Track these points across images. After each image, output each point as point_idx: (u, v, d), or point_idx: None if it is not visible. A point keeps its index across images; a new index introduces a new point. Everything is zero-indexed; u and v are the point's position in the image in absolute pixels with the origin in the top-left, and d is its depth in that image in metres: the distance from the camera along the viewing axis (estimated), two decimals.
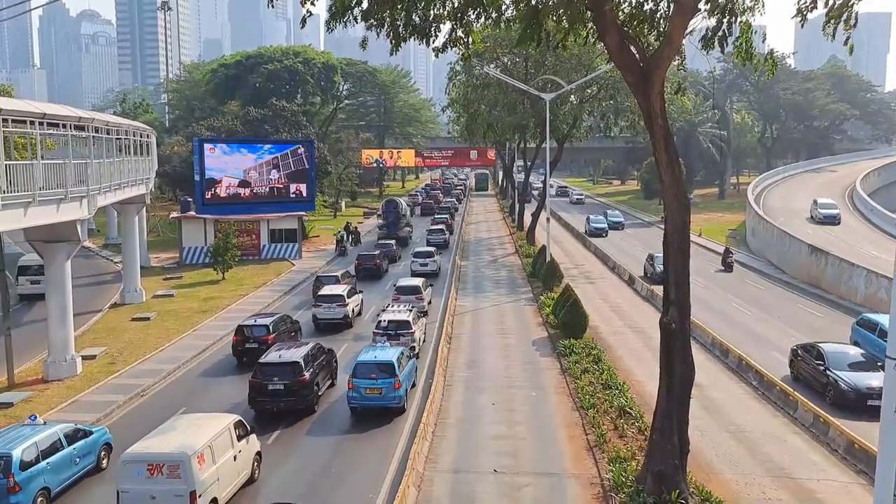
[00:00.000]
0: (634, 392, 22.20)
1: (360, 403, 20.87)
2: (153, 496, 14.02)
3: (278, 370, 20.92)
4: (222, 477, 15.20)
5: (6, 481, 14.74)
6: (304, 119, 73.65)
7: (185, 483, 14.06)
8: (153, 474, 14.12)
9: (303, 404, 20.91)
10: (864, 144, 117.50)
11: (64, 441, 16.49)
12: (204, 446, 14.78)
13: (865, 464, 17.05)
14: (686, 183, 16.63)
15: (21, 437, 15.88)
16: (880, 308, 33.59)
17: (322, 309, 30.92)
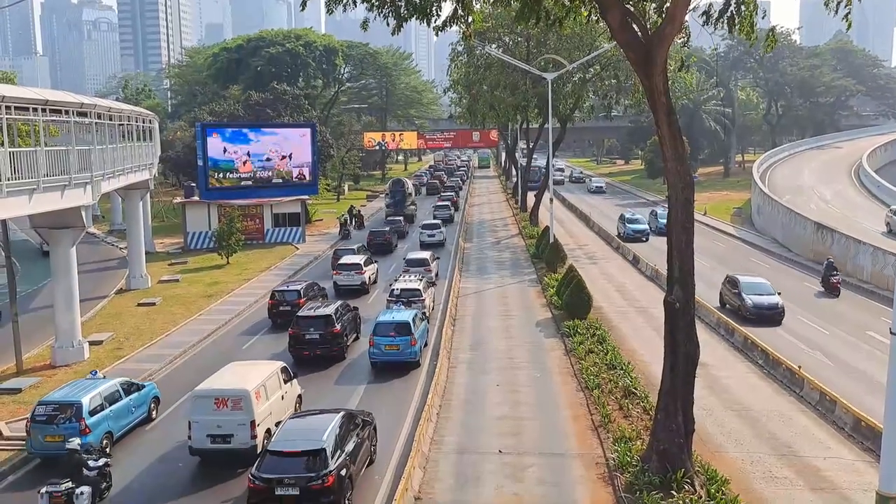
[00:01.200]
0: (639, 372, 22.21)
1: (381, 359, 23.38)
2: (219, 425, 16.67)
3: (314, 322, 24.10)
4: (273, 412, 17.68)
5: (78, 425, 16.84)
6: (306, 103, 73.35)
7: (246, 414, 16.69)
8: (219, 407, 16.76)
9: (335, 351, 24.00)
10: (870, 120, 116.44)
11: (122, 392, 18.77)
12: (259, 385, 17.41)
13: (871, 441, 17.03)
14: (690, 161, 16.53)
15: (87, 388, 18.17)
16: (888, 285, 33.49)
17: (342, 276, 34.34)
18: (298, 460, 14.37)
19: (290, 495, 14.00)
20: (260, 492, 14.15)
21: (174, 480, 16.52)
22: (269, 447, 14.95)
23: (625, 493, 14.84)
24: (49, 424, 17.05)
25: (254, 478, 14.24)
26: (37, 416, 17.25)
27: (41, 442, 17.10)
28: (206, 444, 16.77)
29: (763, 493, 15.19)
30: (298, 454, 14.46)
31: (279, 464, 14.32)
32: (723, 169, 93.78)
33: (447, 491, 15.53)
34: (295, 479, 14.05)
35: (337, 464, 14.43)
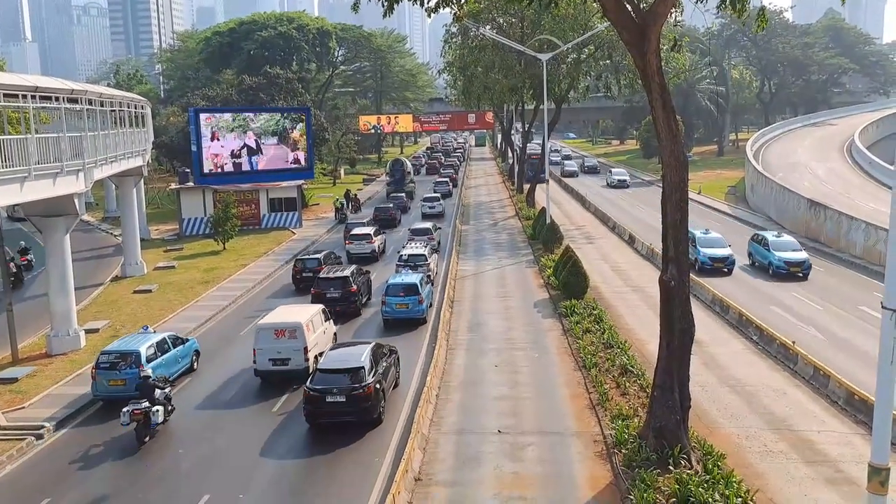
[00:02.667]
0: (636, 350, 22.41)
1: (392, 316, 26.58)
2: (279, 351, 20.71)
3: (334, 282, 27.68)
4: (318, 343, 21.68)
5: (138, 370, 19.02)
6: (300, 86, 72.95)
7: (300, 342, 20.75)
8: (279, 336, 20.79)
9: (352, 308, 27.56)
10: (862, 97, 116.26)
11: (170, 344, 21.52)
12: (308, 320, 21.44)
13: (864, 414, 17.28)
14: (684, 140, 16.61)
15: (142, 340, 20.93)
16: (880, 261, 33.72)
17: (354, 245, 38.08)
18: (343, 376, 17.99)
19: (338, 401, 17.62)
20: (314, 400, 17.77)
21: (230, 403, 20.22)
22: (319, 367, 18.66)
23: (622, 470, 15.05)
24: (112, 370, 19.70)
25: (309, 389, 17.86)
26: (101, 363, 19.88)
27: (105, 386, 19.72)
28: (268, 367, 20.80)
29: (759, 467, 15.42)
30: (344, 371, 18.11)
31: (328, 379, 17.98)
32: (717, 148, 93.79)
33: (447, 471, 15.72)
34: (341, 389, 17.68)
35: (373, 378, 18.07)
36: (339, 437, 17.35)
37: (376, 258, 38.25)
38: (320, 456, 16.71)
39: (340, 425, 17.69)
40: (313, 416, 17.98)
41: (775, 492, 14.38)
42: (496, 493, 14.65)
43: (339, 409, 17.67)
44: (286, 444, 17.45)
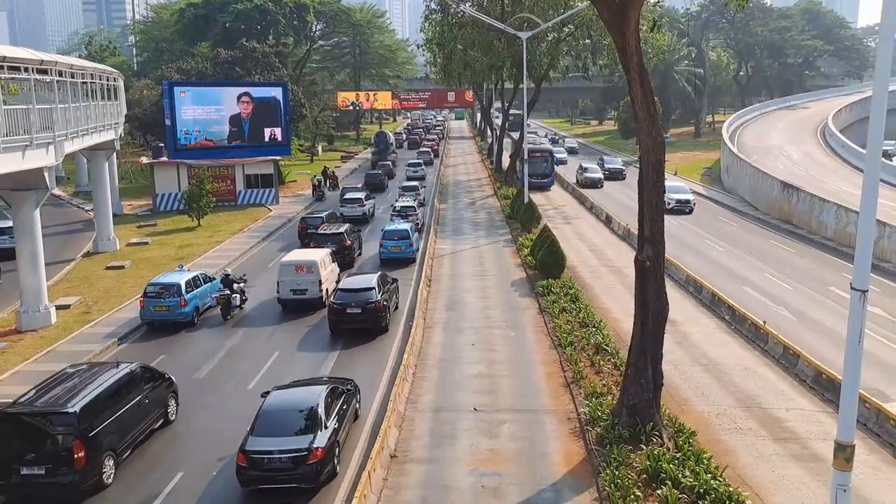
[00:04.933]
0: (611, 329, 22.64)
1: (388, 256, 32.45)
2: (298, 283, 25.38)
3: (330, 238, 31.65)
4: (328, 279, 26.39)
5: (178, 299, 23.83)
6: (277, 61, 71.95)
7: (316, 275, 25.53)
8: (298, 272, 25.48)
9: (347, 260, 31.04)
10: (837, 81, 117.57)
11: (202, 281, 25.43)
12: (321, 259, 26.22)
13: (832, 392, 17.67)
14: (662, 121, 16.67)
15: (181, 275, 25.14)
16: (850, 243, 34.27)
17: (347, 208, 42.61)
18: (359, 293, 23.09)
19: (356, 312, 22.83)
20: (337, 311, 23.08)
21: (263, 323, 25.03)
22: (340, 287, 24.02)
23: (596, 447, 15.26)
24: (158, 298, 23.87)
25: (333, 303, 23.32)
26: (148, 293, 24.04)
27: (152, 311, 23.89)
28: (289, 296, 25.54)
29: (728, 444, 15.72)
30: (359, 290, 23.22)
31: (347, 296, 23.17)
32: (694, 129, 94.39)
33: (423, 448, 15.83)
34: (358, 303, 22.88)
35: (381, 296, 23.25)
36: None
37: (367, 220, 42.97)
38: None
39: (356, 331, 22.91)
40: (336, 324, 23.26)
41: (744, 468, 14.68)
42: (472, 470, 14.79)
43: (356, 318, 22.92)
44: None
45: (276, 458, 13.75)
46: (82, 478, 13.83)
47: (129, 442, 15.49)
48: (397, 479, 14.52)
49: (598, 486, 13.94)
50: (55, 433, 13.84)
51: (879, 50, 8.35)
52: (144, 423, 16.11)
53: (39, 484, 13.70)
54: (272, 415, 14.50)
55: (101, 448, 14.33)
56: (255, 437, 14.01)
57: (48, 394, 14.72)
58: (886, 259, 31.36)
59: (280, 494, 13.81)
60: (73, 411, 13.94)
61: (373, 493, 13.61)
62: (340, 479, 14.58)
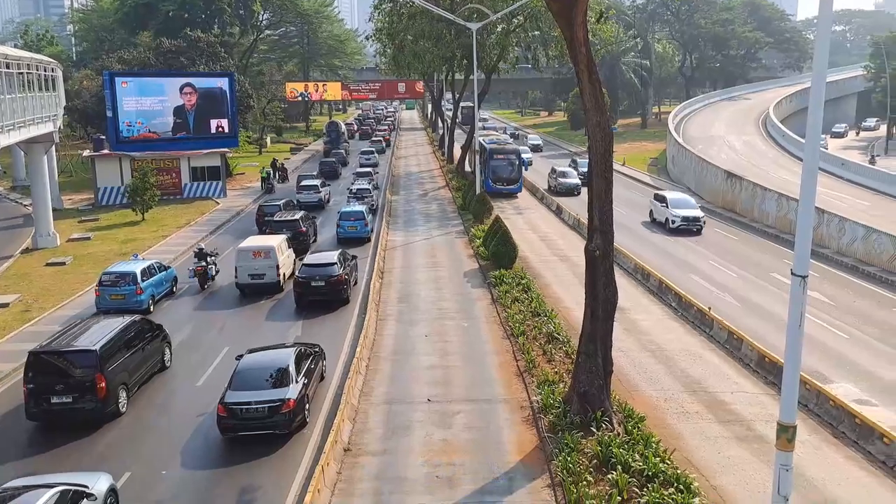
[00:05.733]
0: (562, 318, 22.93)
1: (345, 235, 34.79)
2: (256, 268, 26.04)
3: (285, 224, 32.43)
4: (285, 263, 27.37)
5: (134, 287, 23.99)
6: (223, 51, 70.46)
7: (273, 260, 26.23)
8: (255, 257, 26.16)
9: (302, 246, 31.41)
10: (777, 72, 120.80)
11: (156, 269, 25.74)
12: (278, 245, 27.04)
13: (774, 375, 18.24)
14: (610, 112, 16.85)
15: (135, 263, 25.39)
16: (790, 230, 35.38)
17: (303, 195, 43.94)
18: (323, 268, 24.87)
19: (320, 285, 24.58)
20: (302, 284, 24.73)
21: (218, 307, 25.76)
22: (304, 262, 25.62)
23: (548, 434, 15.47)
24: (113, 287, 24.03)
25: (299, 277, 24.93)
26: (103, 282, 24.20)
27: (108, 300, 23.88)
28: (247, 281, 26.25)
29: (676, 428, 16.12)
30: (323, 265, 25.00)
31: (311, 270, 24.87)
32: (640, 120, 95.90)
33: (377, 441, 15.81)
34: (321, 276, 24.70)
35: (343, 271, 25.07)
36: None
37: (323, 206, 44.38)
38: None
39: (320, 303, 24.73)
40: (301, 296, 24.94)
41: (691, 451, 15.07)
42: (426, 461, 14.83)
43: (320, 291, 24.71)
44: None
45: (252, 408, 15.48)
46: (103, 405, 16.60)
47: (137, 380, 18.39)
48: (351, 472, 14.48)
49: (550, 472, 14.14)
50: (80, 368, 16.50)
51: (817, 42, 8.61)
52: (147, 365, 19.01)
53: (67, 410, 16.34)
54: (248, 372, 16.22)
55: (117, 382, 17.19)
56: (233, 392, 15.74)
57: (70, 337, 17.50)
58: (825, 245, 32.47)
59: (257, 440, 15.41)
60: (95, 349, 16.70)
61: (326, 486, 13.54)
62: (311, 429, 16.28)
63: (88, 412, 16.45)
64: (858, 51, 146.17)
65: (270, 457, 15.21)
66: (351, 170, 59.43)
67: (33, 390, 16.30)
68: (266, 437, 15.60)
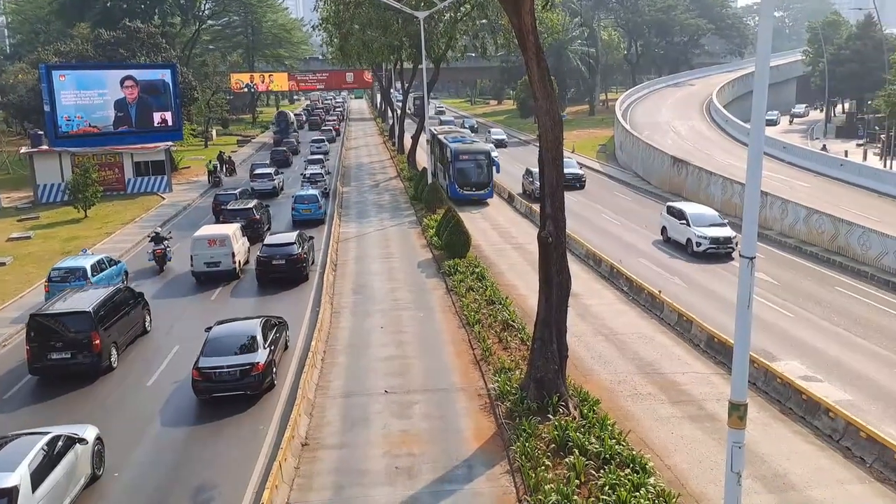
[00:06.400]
0: (517, 305, 23.09)
1: (300, 217, 36.38)
2: (212, 256, 26.59)
3: (239, 213, 32.83)
4: (240, 251, 28.05)
5: (83, 283, 23.35)
6: (164, 42, 68.61)
7: (228, 248, 26.87)
8: (211, 245, 26.71)
9: (255, 234, 31.71)
10: (720, 58, 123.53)
11: (107, 264, 25.78)
12: (233, 232, 27.73)
13: (723, 355, 18.72)
14: (558, 100, 16.91)
15: (85, 259, 25.44)
16: (735, 213, 36.25)
17: (257, 183, 45.49)
18: (283, 247, 26.47)
19: (280, 263, 26.10)
20: (264, 262, 26.21)
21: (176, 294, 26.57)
22: (265, 243, 27.26)
23: (505, 420, 15.58)
24: (63, 283, 23.43)
25: (260, 255, 26.51)
26: (53, 277, 23.85)
27: (57, 296, 22.15)
28: (203, 269, 26.69)
29: (630, 409, 16.41)
30: (283, 244, 26.65)
31: (272, 250, 26.46)
32: (588, 107, 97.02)
33: (335, 434, 15.70)
34: (282, 255, 26.20)
35: (301, 249, 26.65)
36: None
37: (277, 193, 45.78)
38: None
39: (280, 280, 26.24)
40: (263, 274, 26.41)
41: (645, 431, 15.37)
42: (385, 452, 14.79)
43: (281, 269, 26.21)
44: None
45: (224, 371, 16.89)
46: (98, 360, 18.69)
47: (124, 340, 20.44)
48: (309, 466, 14.35)
49: (509, 458, 14.25)
50: (77, 327, 18.45)
51: (760, 28, 8.78)
52: (132, 327, 21.08)
53: (66, 365, 18.43)
54: (218, 340, 17.64)
55: (109, 339, 19.26)
56: (206, 357, 17.09)
57: (66, 301, 19.61)
58: (769, 227, 33.38)
59: (230, 401, 16.88)
60: (89, 310, 18.72)
61: (285, 482, 13.40)
62: (278, 391, 17.74)
63: (85, 366, 18.53)
64: (797, 36, 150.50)
65: (249, 410, 16.94)
66: (302, 158, 60.45)
67: (35, 348, 18.29)
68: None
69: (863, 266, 27.59)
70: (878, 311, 23.02)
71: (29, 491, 11.64)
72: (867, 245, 27.99)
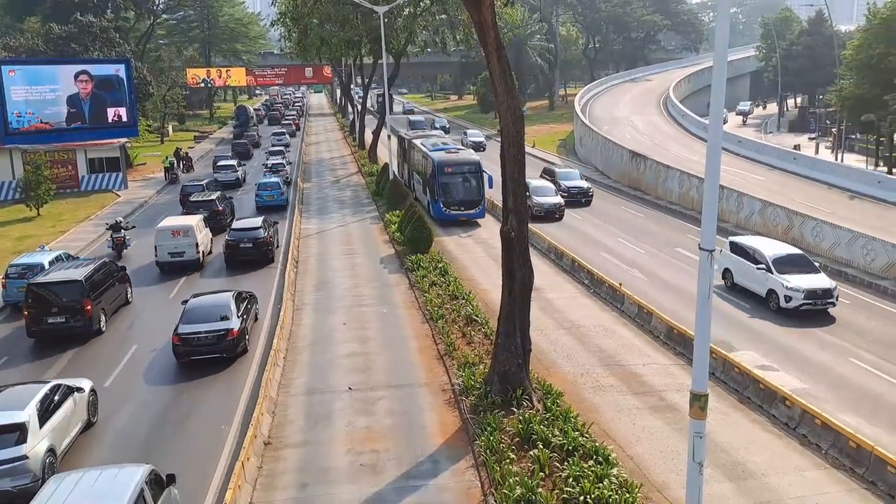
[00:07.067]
0: (480, 300, 23.15)
1: (263, 203, 38.93)
2: (176, 246, 27.33)
3: (202, 205, 34.00)
4: (204, 241, 28.92)
5: None
6: (118, 36, 67.13)
7: (192, 239, 27.54)
8: (175, 235, 27.46)
9: (218, 226, 32.47)
10: (676, 54, 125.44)
11: (65, 259, 25.36)
12: (197, 223, 28.68)
13: (682, 346, 19.04)
14: (518, 95, 16.91)
15: (42, 255, 25.35)
16: (692, 206, 36.87)
17: (221, 174, 47.39)
18: (250, 231, 28.39)
19: (248, 246, 27.96)
20: (232, 245, 28.00)
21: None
22: (233, 227, 29.20)
23: (470, 415, 15.61)
24: (21, 279, 23.15)
25: (229, 239, 28.29)
26: (10, 274, 23.95)
27: (15, 292, 23.12)
28: (167, 259, 27.47)
29: (593, 401, 16.58)
30: (250, 228, 28.61)
31: (239, 234, 28.26)
32: (548, 102, 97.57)
33: (298, 432, 15.56)
34: (249, 239, 28.06)
35: (266, 233, 28.54)
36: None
37: (240, 184, 47.70)
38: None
39: (247, 262, 27.97)
40: (231, 257, 28.08)
41: (608, 422, 15.55)
42: (349, 449, 14.71)
43: (248, 251, 27.93)
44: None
45: (203, 336, 18.69)
46: (90, 324, 20.88)
47: (111, 308, 22.55)
48: (273, 465, 14.20)
49: (473, 452, 14.28)
50: (70, 294, 20.51)
51: (718, 24, 8.91)
52: (117, 296, 23.30)
53: (61, 328, 20.54)
54: (195, 310, 19.31)
55: (99, 305, 21.40)
56: (184, 325, 18.86)
57: (59, 272, 21.80)
58: (725, 220, 34.01)
59: (207, 363, 18.71)
60: (80, 279, 20.86)
61: (247, 482, 13.24)
62: (251, 356, 19.61)
63: (78, 330, 20.63)
64: (751, 32, 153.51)
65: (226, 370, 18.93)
66: (263, 150, 62.26)
67: (32, 313, 20.37)
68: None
69: (816, 257, 28.24)
70: None
71: (36, 427, 13.57)
72: (820, 236, 28.72)
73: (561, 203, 36.14)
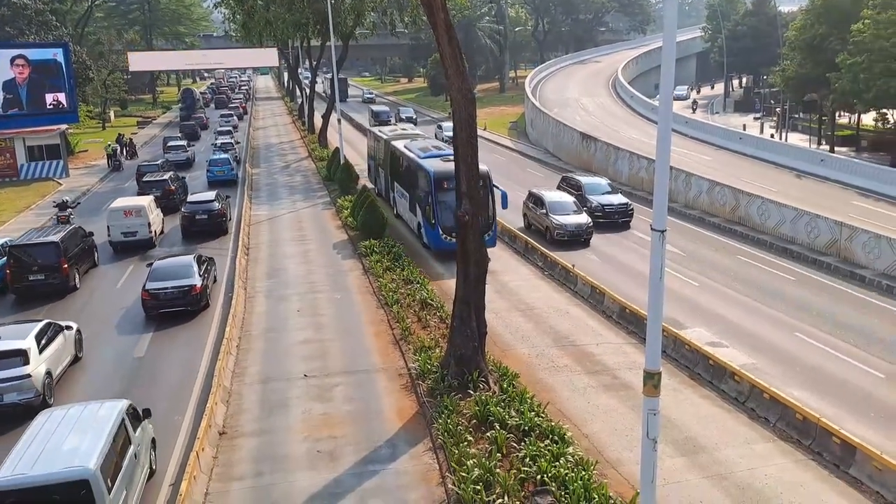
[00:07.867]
0: (434, 284, 23.12)
1: (214, 178, 40.95)
2: (128, 226, 27.86)
3: (155, 185, 34.89)
4: (156, 221, 29.44)
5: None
6: (54, 19, 64.62)
7: (144, 219, 28.15)
8: (127, 216, 27.99)
9: (171, 205, 33.48)
10: (623, 35, 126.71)
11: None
12: (148, 203, 29.11)
13: (635, 325, 19.37)
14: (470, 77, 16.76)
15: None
16: (642, 186, 37.40)
17: (171, 154, 48.00)
18: (205, 204, 30.14)
19: (203, 218, 29.61)
20: (188, 217, 29.71)
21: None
22: (189, 200, 31.15)
23: (427, 399, 15.64)
24: None
25: (184, 211, 30.17)
26: None
27: None
28: (120, 238, 28.00)
29: (548, 382, 16.77)
30: (205, 202, 30.31)
31: (195, 206, 30.00)
32: (499, 85, 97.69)
33: (253, 421, 15.36)
34: (204, 211, 29.79)
35: (221, 206, 30.44)
36: None
37: (190, 164, 48.78)
38: None
39: (202, 233, 29.64)
40: (188, 228, 29.69)
41: (563, 402, 15.75)
42: (306, 437, 14.59)
43: (203, 223, 29.56)
44: None
45: (170, 291, 20.85)
46: (66, 281, 23.22)
47: (82, 269, 24.85)
48: (228, 455, 14.00)
49: (431, 436, 14.32)
50: (47, 254, 22.84)
51: (666, 6, 8.95)
52: (87, 259, 25.50)
53: (40, 285, 22.83)
54: (161, 269, 21.43)
55: (73, 265, 23.72)
56: (152, 282, 20.98)
57: (35, 235, 24.31)
58: (674, 199, 34.59)
59: (173, 316, 20.94)
60: (57, 240, 23.15)
61: (203, 472, 13.03)
62: (212, 310, 21.75)
63: (56, 286, 22.93)
64: (696, 13, 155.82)
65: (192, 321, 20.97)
66: (211, 132, 62.57)
67: (14, 273, 22.62)
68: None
69: (762, 235, 29.04)
70: (777, 278, 24.32)
71: (36, 353, 16.13)
72: (766, 215, 29.47)
73: (588, 223, 28.22)
